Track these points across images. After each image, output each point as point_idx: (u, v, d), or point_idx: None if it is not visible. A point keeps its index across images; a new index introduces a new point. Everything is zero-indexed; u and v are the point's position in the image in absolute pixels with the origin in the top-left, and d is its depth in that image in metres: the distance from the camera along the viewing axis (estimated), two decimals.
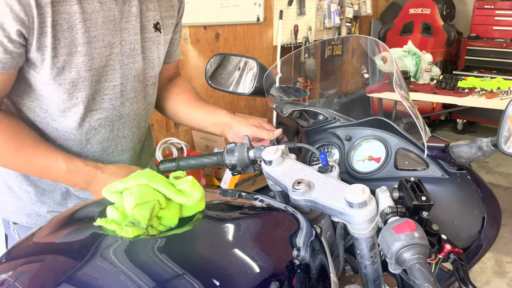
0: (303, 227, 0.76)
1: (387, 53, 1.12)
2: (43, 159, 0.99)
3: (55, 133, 1.06)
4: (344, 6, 5.08)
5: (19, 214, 1.12)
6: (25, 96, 1.01)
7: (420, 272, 0.60)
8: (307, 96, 1.23)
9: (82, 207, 0.86)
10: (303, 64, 2.83)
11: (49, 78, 0.96)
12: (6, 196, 1.12)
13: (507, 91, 3.36)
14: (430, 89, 3.60)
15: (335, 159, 1.11)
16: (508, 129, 0.79)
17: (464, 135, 5.57)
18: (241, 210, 0.86)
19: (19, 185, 1.10)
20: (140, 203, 0.69)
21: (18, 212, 1.12)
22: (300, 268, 0.67)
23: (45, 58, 0.94)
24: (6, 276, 0.61)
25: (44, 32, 0.91)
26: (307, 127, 1.20)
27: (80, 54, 0.97)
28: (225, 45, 3.82)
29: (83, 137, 1.08)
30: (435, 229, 0.75)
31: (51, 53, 0.93)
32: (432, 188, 0.92)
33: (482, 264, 2.91)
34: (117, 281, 0.58)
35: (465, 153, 0.87)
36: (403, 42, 4.34)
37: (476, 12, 5.68)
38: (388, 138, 1.04)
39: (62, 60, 0.95)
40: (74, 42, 0.95)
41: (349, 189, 0.71)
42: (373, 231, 0.72)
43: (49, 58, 0.94)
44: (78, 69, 0.98)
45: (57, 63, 0.95)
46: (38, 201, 1.10)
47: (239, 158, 1.02)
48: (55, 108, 1.02)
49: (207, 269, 0.61)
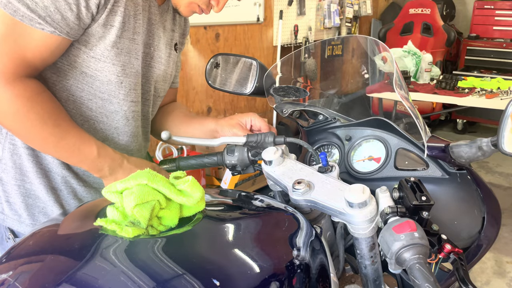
0: (303, 227, 0.76)
1: (387, 53, 1.12)
2: (76, 138, 0.98)
3: (88, 113, 1.06)
4: (344, 6, 5.08)
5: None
6: (61, 74, 1.01)
7: (420, 272, 0.60)
8: (307, 96, 1.23)
9: (82, 207, 0.86)
10: (303, 64, 2.83)
11: (105, 55, 0.99)
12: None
13: (507, 91, 3.36)
14: (430, 89, 3.60)
15: (335, 159, 1.11)
16: (508, 129, 0.79)
17: (464, 135, 5.57)
18: (241, 210, 0.86)
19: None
20: (140, 203, 0.69)
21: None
22: (300, 268, 0.67)
23: (105, 36, 0.97)
24: (6, 276, 0.61)
25: (115, 12, 0.96)
26: (307, 127, 1.20)
27: (135, 42, 1.03)
28: (225, 45, 3.82)
29: (114, 123, 1.09)
30: (435, 229, 0.75)
31: (116, 33, 0.97)
32: (432, 188, 0.92)
33: (482, 264, 2.91)
34: (117, 281, 0.58)
35: (465, 153, 0.87)
36: (403, 42, 4.34)
37: (476, 12, 5.68)
38: (388, 138, 1.04)
39: (123, 43, 1.00)
40: (134, 29, 1.01)
41: (349, 189, 0.71)
42: (373, 231, 0.72)
43: (114, 37, 0.97)
44: (130, 55, 1.03)
45: (118, 43, 0.99)
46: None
47: (239, 158, 1.02)
48: (96, 88, 1.03)
49: (207, 269, 0.61)
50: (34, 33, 0.89)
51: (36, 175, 1.06)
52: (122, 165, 1.02)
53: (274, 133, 1.01)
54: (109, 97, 1.05)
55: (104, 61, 0.99)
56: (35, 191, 1.07)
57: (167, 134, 1.06)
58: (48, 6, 0.87)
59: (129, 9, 0.98)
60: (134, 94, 1.09)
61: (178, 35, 1.23)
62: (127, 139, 1.13)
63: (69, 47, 0.97)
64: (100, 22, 0.95)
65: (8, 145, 1.05)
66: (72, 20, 0.90)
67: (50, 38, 0.90)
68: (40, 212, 1.08)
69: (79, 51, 0.98)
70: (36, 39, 0.90)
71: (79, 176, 1.10)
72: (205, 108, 3.77)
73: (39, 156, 1.06)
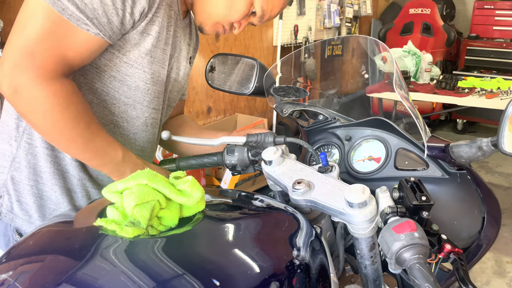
0: (303, 227, 0.76)
1: (387, 53, 1.12)
2: (103, 142, 0.99)
3: (110, 117, 1.07)
4: (344, 6, 5.08)
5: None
6: (89, 76, 1.01)
7: (420, 272, 0.60)
8: (307, 96, 1.23)
9: (82, 207, 0.86)
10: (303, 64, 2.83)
11: (139, 62, 1.01)
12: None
13: (507, 91, 3.36)
14: (430, 89, 3.60)
15: (335, 159, 1.11)
16: (508, 129, 0.79)
17: (464, 135, 5.57)
18: (241, 210, 0.86)
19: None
20: (140, 203, 0.69)
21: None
22: (300, 268, 0.67)
23: (140, 43, 0.99)
24: (6, 276, 0.61)
25: (153, 21, 0.98)
26: (307, 127, 1.20)
27: (165, 52, 1.06)
28: (225, 45, 3.82)
29: (133, 129, 1.11)
30: (435, 229, 0.75)
31: (152, 42, 1.00)
32: (432, 188, 0.92)
33: (482, 264, 2.91)
34: (117, 281, 0.58)
35: (465, 153, 0.87)
36: (403, 42, 4.34)
37: (476, 12, 5.68)
38: (388, 138, 1.04)
39: (156, 52, 1.03)
40: (166, 40, 1.04)
41: (349, 189, 0.71)
42: (373, 231, 0.72)
43: (150, 45, 1.00)
44: (160, 64, 1.06)
45: (153, 52, 1.02)
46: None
47: (239, 158, 1.02)
48: (122, 93, 1.04)
49: (207, 269, 0.61)
50: (79, 33, 0.89)
51: (52, 176, 1.06)
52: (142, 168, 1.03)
53: (274, 133, 1.02)
54: (134, 103, 1.07)
55: (136, 67, 1.01)
56: (48, 192, 1.07)
57: (167, 134, 1.06)
58: (97, 8, 0.88)
59: (165, 20, 1.01)
60: (156, 102, 1.11)
61: (192, 49, 1.26)
62: (143, 145, 1.15)
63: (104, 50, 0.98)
64: (139, 30, 0.97)
65: (24, 144, 1.05)
66: (116, 24, 0.92)
67: (92, 40, 0.91)
68: (51, 213, 1.08)
69: (112, 55, 0.99)
70: (80, 39, 0.90)
71: (94, 179, 1.10)
72: (205, 108, 3.77)
73: (58, 157, 1.05)
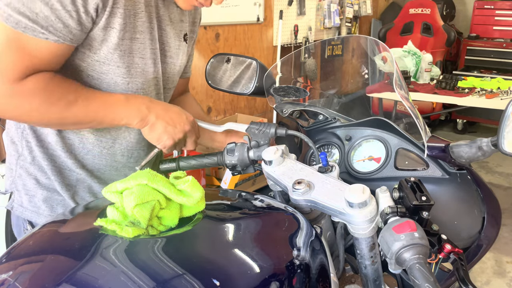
0: (303, 227, 0.76)
1: (387, 53, 1.12)
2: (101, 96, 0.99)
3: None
4: (344, 6, 5.08)
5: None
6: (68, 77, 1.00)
7: (420, 272, 0.60)
8: (307, 96, 1.23)
9: (82, 207, 0.86)
10: (303, 64, 2.83)
11: (109, 58, 0.99)
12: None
13: (507, 91, 3.36)
14: (430, 89, 3.60)
15: (335, 159, 1.11)
16: (508, 129, 0.79)
17: (464, 135, 5.57)
18: (241, 210, 0.86)
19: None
20: (140, 203, 0.69)
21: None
22: (300, 268, 0.67)
23: (107, 39, 0.96)
24: (6, 276, 0.61)
25: (114, 13, 0.95)
26: (307, 127, 1.20)
27: (138, 41, 1.02)
28: (225, 45, 3.82)
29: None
30: (435, 229, 0.75)
31: (118, 34, 0.97)
32: (432, 188, 0.92)
33: (482, 264, 2.91)
34: (117, 281, 0.58)
35: (465, 153, 0.87)
36: (403, 42, 4.34)
37: (476, 12, 5.68)
38: (388, 138, 1.04)
39: (125, 44, 0.99)
40: (135, 28, 1.00)
41: (349, 189, 0.71)
42: (373, 231, 0.72)
43: (116, 39, 0.97)
44: (134, 55, 1.02)
45: (121, 45, 0.99)
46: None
47: (239, 158, 1.02)
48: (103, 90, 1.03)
49: (207, 269, 0.61)
50: (39, 42, 0.89)
51: (51, 172, 1.08)
52: (152, 100, 1.04)
53: (277, 124, 1.02)
54: None
55: (108, 64, 1.00)
56: (54, 185, 1.09)
57: None
58: (49, 15, 0.87)
59: (129, 9, 0.97)
60: (142, 93, 1.09)
61: (188, 25, 1.20)
62: (139, 136, 1.13)
63: (74, 51, 0.97)
64: (101, 25, 0.94)
65: (24, 143, 1.08)
66: (74, 26, 0.90)
67: (54, 46, 0.91)
68: (58, 204, 1.11)
69: (84, 55, 0.98)
70: (42, 48, 0.90)
71: (94, 174, 1.11)
72: (205, 108, 3.77)
73: (54, 154, 1.07)
